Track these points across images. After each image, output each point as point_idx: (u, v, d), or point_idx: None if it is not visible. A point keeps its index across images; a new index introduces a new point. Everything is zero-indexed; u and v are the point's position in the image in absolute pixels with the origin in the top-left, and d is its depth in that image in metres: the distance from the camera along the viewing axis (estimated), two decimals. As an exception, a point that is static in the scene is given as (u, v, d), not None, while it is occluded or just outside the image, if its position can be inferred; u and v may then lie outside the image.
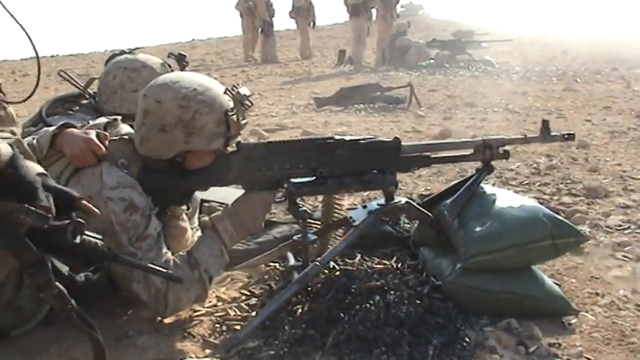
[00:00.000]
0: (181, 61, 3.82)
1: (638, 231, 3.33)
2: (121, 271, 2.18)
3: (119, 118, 2.47)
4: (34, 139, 2.32)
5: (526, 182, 4.44)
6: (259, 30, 17.33)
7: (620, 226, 3.41)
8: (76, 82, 3.37)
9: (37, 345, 2.18)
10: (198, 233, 2.64)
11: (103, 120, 2.44)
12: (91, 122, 2.44)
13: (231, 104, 2.28)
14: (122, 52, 3.27)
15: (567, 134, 2.65)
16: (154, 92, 2.25)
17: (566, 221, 2.53)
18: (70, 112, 3.14)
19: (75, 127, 2.32)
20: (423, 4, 35.50)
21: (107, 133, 2.31)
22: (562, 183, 4.38)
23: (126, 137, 2.33)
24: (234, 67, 16.12)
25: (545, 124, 2.61)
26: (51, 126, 2.45)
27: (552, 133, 2.63)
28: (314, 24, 17.77)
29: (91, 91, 3.30)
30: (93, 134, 2.25)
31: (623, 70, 12.29)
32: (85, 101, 3.24)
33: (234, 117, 2.27)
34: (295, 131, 6.74)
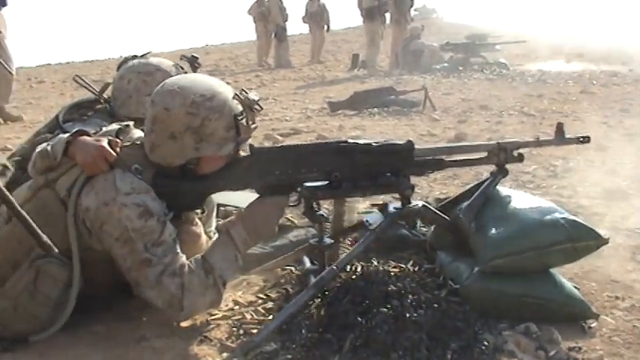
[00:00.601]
0: (194, 64, 3.83)
1: (657, 234, 3.29)
2: (134, 276, 2.19)
3: (131, 123, 2.46)
4: (48, 145, 2.32)
5: (543, 185, 4.42)
6: (273, 35, 17.37)
7: (639, 228, 3.37)
8: (92, 88, 3.38)
9: (54, 349, 2.18)
10: (215, 237, 2.63)
11: (114, 126, 2.43)
12: (104, 129, 2.44)
13: (240, 108, 2.26)
14: (134, 57, 3.28)
15: (582, 137, 2.62)
16: (161, 99, 2.23)
17: (586, 224, 2.50)
18: (85, 117, 3.15)
19: (88, 135, 2.32)
20: (437, 8, 35.46)
21: (118, 140, 2.30)
22: (580, 185, 4.34)
23: (138, 143, 2.33)
24: (248, 72, 16.17)
25: (560, 127, 2.59)
26: (66, 132, 2.46)
27: (567, 136, 2.61)
28: (328, 28, 17.77)
29: (105, 96, 3.31)
30: (105, 141, 2.25)
31: (639, 71, 12.19)
32: (100, 106, 3.25)
33: (244, 121, 2.25)
34: (310, 135, 6.74)
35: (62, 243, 2.19)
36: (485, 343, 2.14)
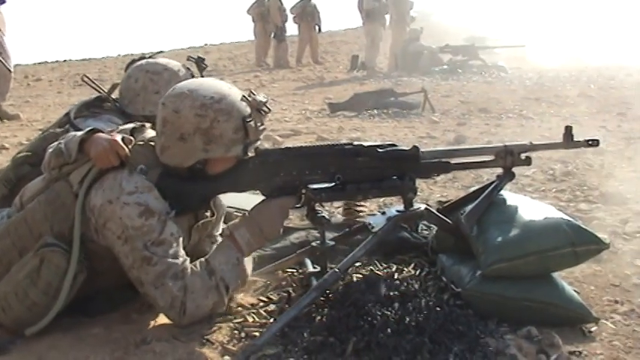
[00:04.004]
0: (200, 64, 3.86)
1: (657, 238, 3.30)
2: (136, 275, 2.22)
3: (147, 124, 2.49)
4: (60, 143, 2.35)
5: (542, 189, 4.42)
6: (272, 35, 17.35)
7: (638, 232, 3.38)
8: (99, 87, 3.40)
9: (54, 351, 2.19)
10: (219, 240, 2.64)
11: (130, 125, 2.48)
12: (120, 127, 2.47)
13: (248, 110, 2.28)
14: (142, 57, 3.31)
15: (591, 140, 2.60)
16: (172, 101, 2.26)
17: (587, 228, 2.50)
18: (96, 112, 3.17)
19: (102, 132, 2.34)
20: (435, 10, 35.40)
21: (132, 138, 2.34)
22: (578, 189, 4.35)
23: (151, 143, 2.36)
24: (247, 72, 16.16)
25: (568, 130, 2.58)
26: (78, 128, 2.49)
27: (575, 139, 2.60)
28: (319, 28, 17.68)
29: (113, 97, 3.33)
30: (118, 137, 2.29)
31: (637, 75, 12.20)
32: (109, 104, 3.27)
33: (252, 123, 2.28)
34: (309, 137, 6.74)
35: (70, 233, 2.25)
36: (488, 347, 2.14)
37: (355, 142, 2.45)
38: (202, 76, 3.63)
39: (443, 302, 2.33)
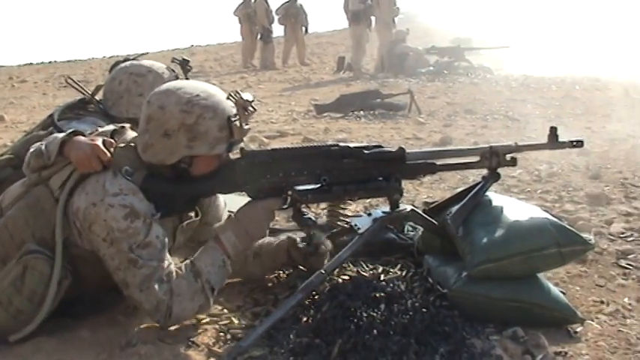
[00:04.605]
0: (185, 66, 3.84)
1: (641, 239, 3.31)
2: (122, 277, 2.20)
3: (127, 125, 2.47)
4: (42, 144, 2.32)
5: (528, 189, 4.44)
6: (258, 36, 17.31)
7: (622, 233, 3.40)
8: (84, 89, 3.38)
9: (39, 354, 2.17)
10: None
11: (110, 127, 2.45)
12: (100, 130, 2.44)
13: (234, 110, 2.27)
14: (126, 59, 3.29)
15: (576, 141, 2.61)
16: (157, 98, 2.25)
17: (572, 229, 2.52)
18: (80, 114, 3.15)
19: (83, 135, 2.32)
20: (421, 12, 35.46)
21: (113, 141, 2.32)
22: (564, 190, 4.37)
23: (132, 144, 2.33)
24: (233, 73, 16.13)
25: (553, 131, 2.58)
26: (61, 131, 2.46)
27: (560, 140, 2.60)
28: (306, 30, 17.64)
29: (97, 99, 3.31)
30: (99, 141, 2.27)
31: (621, 77, 12.29)
32: (92, 107, 3.25)
33: (237, 122, 2.26)
34: (296, 138, 6.74)
35: (53, 239, 2.23)
36: (473, 347, 2.15)
37: (341, 144, 2.44)
38: (187, 78, 3.61)
39: (429, 303, 2.33)
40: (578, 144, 2.63)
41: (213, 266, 2.29)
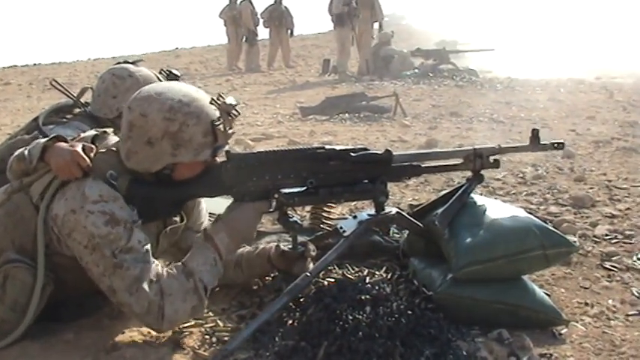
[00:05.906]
0: (172, 79, 3.82)
1: (625, 241, 3.34)
2: (108, 283, 2.14)
3: (109, 130, 2.44)
4: (25, 149, 2.30)
5: (513, 192, 4.46)
6: (243, 39, 17.29)
7: (607, 235, 3.42)
8: (68, 92, 3.36)
9: (24, 358, 2.16)
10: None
11: (92, 132, 2.41)
12: (81, 135, 2.41)
13: (217, 114, 2.23)
14: (126, 62, 3.28)
15: (557, 143, 2.64)
16: (138, 105, 2.19)
17: (557, 231, 2.53)
18: (65, 120, 3.14)
19: (65, 141, 2.29)
20: (406, 14, 35.61)
21: (93, 146, 2.27)
22: (549, 192, 4.40)
23: (113, 149, 2.29)
24: (219, 76, 16.09)
25: (535, 133, 2.61)
26: (46, 135, 2.44)
27: (542, 142, 2.63)
28: (292, 32, 17.62)
29: (83, 101, 3.30)
30: (79, 147, 2.21)
31: (605, 79, 12.38)
32: (78, 110, 3.23)
33: (221, 127, 2.22)
34: (281, 140, 6.74)
35: (33, 247, 2.19)
36: (459, 350, 2.15)
37: (327, 146, 2.43)
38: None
39: (414, 306, 2.33)
40: (559, 146, 2.66)
41: (205, 265, 2.25)
